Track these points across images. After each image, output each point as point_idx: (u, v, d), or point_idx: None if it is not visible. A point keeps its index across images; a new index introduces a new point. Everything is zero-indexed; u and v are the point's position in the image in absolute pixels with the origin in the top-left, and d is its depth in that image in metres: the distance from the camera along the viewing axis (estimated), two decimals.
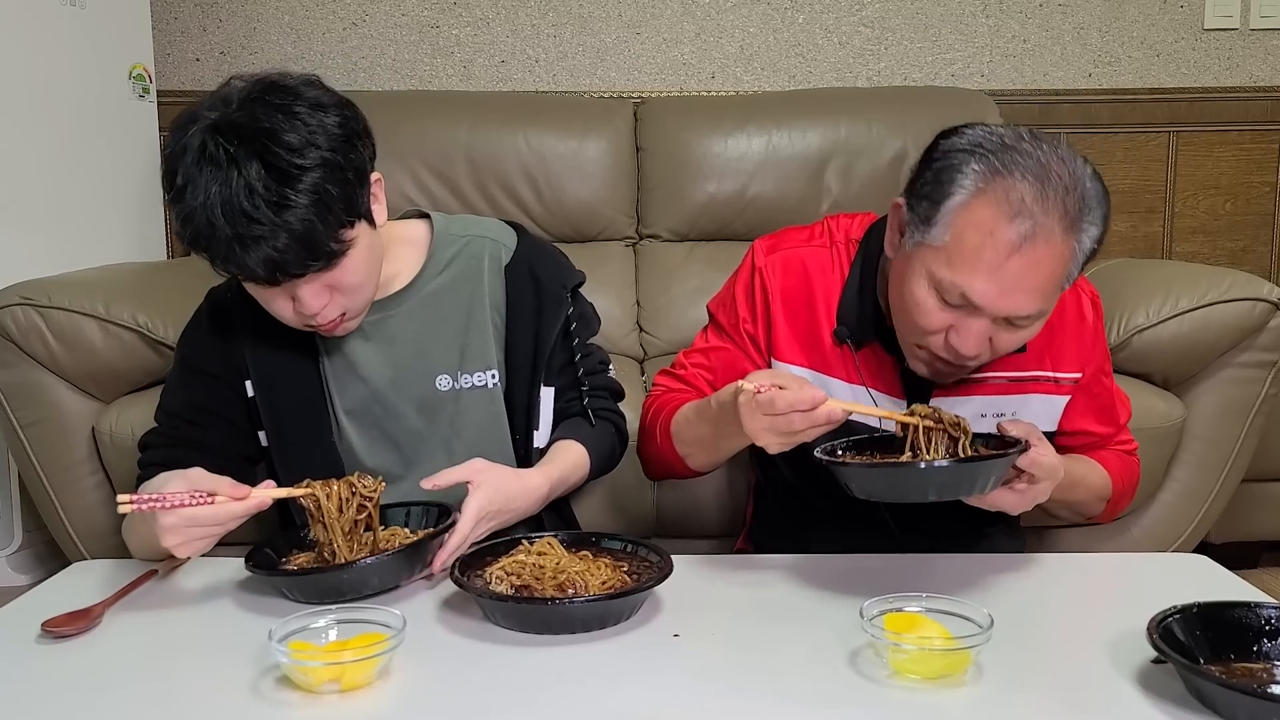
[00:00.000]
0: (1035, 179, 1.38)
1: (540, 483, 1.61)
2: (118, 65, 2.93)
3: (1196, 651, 1.19)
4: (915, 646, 1.18)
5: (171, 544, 1.39)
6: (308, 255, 1.47)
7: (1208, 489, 2.36)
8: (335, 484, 1.47)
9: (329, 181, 1.47)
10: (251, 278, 1.50)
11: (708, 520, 2.37)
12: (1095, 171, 1.44)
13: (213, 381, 1.69)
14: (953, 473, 1.36)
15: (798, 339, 1.66)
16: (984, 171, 1.40)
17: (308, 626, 1.26)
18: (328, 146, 1.47)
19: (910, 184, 1.50)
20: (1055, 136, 1.45)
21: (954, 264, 1.41)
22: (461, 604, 1.40)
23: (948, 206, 1.41)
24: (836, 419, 1.35)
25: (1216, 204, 3.55)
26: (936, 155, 1.46)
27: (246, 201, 1.42)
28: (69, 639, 1.34)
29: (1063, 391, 1.66)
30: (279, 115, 1.46)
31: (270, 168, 1.43)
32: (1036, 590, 1.48)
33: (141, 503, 1.36)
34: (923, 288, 1.46)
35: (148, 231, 3.08)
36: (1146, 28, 3.48)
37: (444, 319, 1.72)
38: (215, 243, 1.45)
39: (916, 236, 1.46)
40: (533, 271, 1.75)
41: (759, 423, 1.37)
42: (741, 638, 1.32)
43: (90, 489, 2.28)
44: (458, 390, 1.71)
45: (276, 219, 1.43)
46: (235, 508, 1.40)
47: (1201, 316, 2.28)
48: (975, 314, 1.44)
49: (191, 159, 1.45)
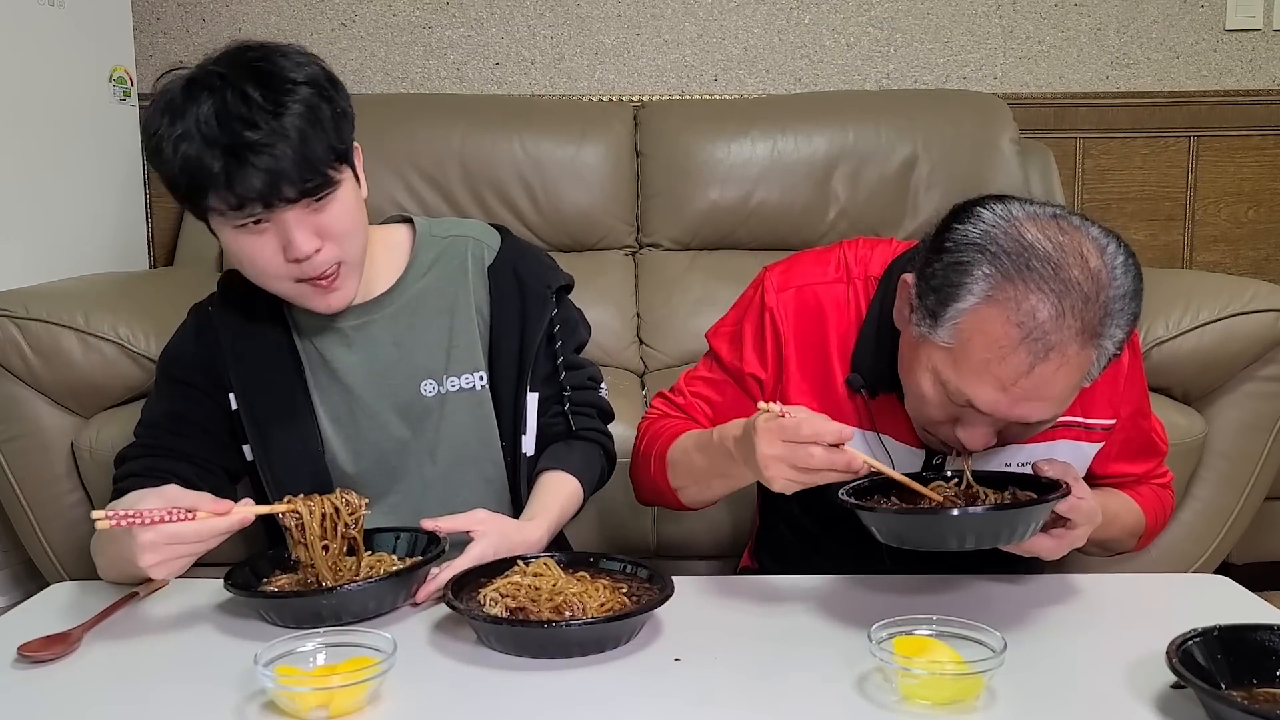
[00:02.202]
0: (1052, 293, 1.30)
1: (541, 536, 1.61)
2: (98, 67, 2.94)
3: (1218, 676, 1.19)
4: (925, 671, 1.18)
5: (149, 563, 1.38)
6: (304, 169, 1.50)
7: (1229, 507, 2.36)
8: (319, 500, 1.47)
9: (321, 99, 1.54)
10: (246, 200, 1.50)
11: (709, 540, 2.37)
12: (1127, 259, 1.35)
13: (195, 393, 1.70)
14: (990, 520, 1.33)
15: (809, 382, 1.62)
16: (995, 276, 1.32)
17: (295, 650, 1.25)
18: (313, 78, 1.55)
19: (920, 267, 1.43)
20: (1086, 219, 1.37)
21: (960, 370, 1.37)
22: (454, 627, 1.40)
23: (955, 309, 1.35)
24: (856, 468, 1.32)
25: (1239, 211, 3.56)
26: (948, 244, 1.38)
27: (243, 108, 1.48)
28: (46, 664, 1.34)
29: (1094, 439, 1.62)
30: (265, 52, 1.55)
31: (264, 84, 1.50)
32: (1051, 612, 1.47)
33: (119, 518, 1.35)
34: (926, 382, 1.42)
35: (129, 240, 3.09)
36: (1166, 28, 3.49)
37: (428, 322, 1.73)
38: (209, 162, 1.48)
39: (922, 328, 1.40)
40: (516, 272, 1.76)
41: (774, 449, 1.34)
42: (745, 661, 1.32)
43: (69, 507, 2.28)
44: (444, 395, 1.72)
45: (274, 125, 1.48)
46: (217, 524, 1.39)
47: (1223, 328, 2.28)
48: (982, 415, 1.40)
49: (178, 94, 1.52)
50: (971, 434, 1.43)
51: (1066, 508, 1.40)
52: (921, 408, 1.46)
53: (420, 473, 1.72)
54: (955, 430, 1.44)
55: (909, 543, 1.36)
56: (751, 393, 1.66)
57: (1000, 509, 1.37)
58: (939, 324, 1.37)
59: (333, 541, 1.47)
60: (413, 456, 1.72)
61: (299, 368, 1.71)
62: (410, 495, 1.72)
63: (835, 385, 1.61)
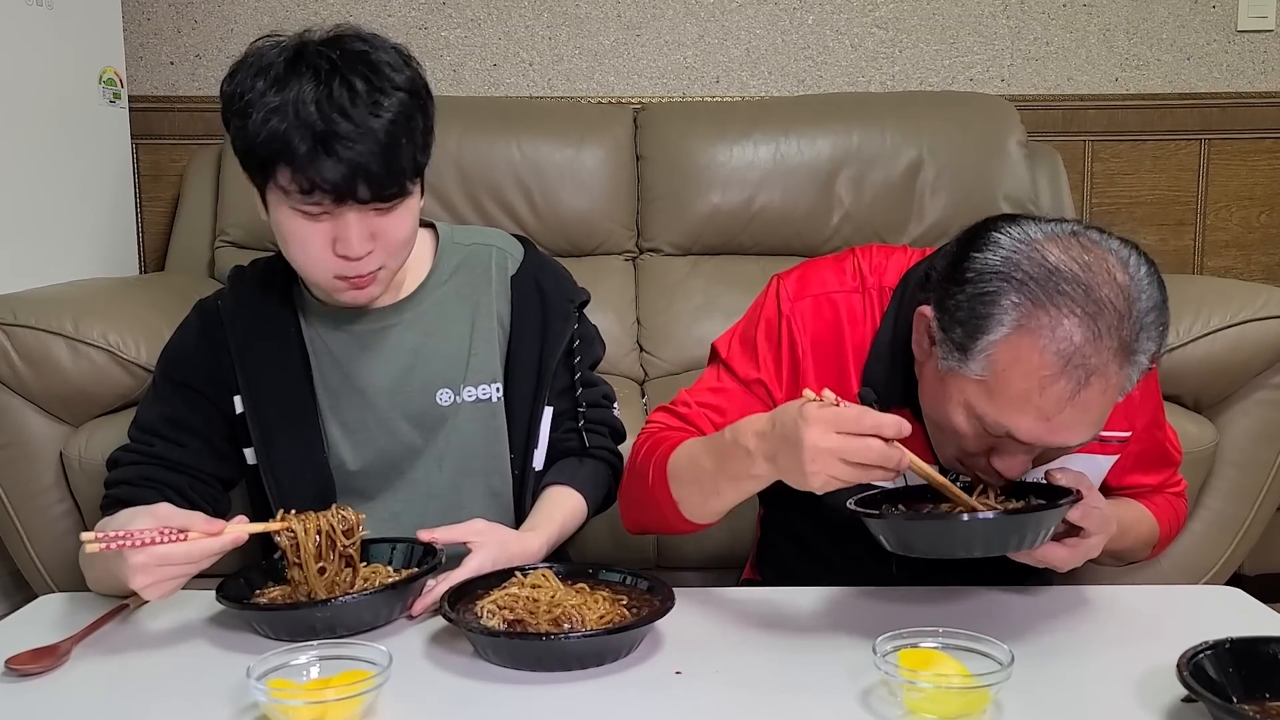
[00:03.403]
0: (1085, 314, 1.29)
1: (540, 547, 1.61)
2: (87, 69, 2.94)
3: (1229, 689, 1.19)
4: (931, 684, 1.18)
5: (140, 584, 1.38)
6: (386, 172, 1.53)
7: (1241, 518, 2.36)
8: (314, 517, 1.47)
9: (415, 110, 1.57)
10: (318, 189, 1.51)
11: (709, 552, 2.37)
12: (1150, 270, 1.34)
13: (196, 397, 1.70)
14: (1000, 526, 1.33)
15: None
16: (1024, 304, 1.31)
17: (288, 663, 1.26)
18: (413, 84, 1.59)
19: (940, 299, 1.40)
20: (1103, 232, 1.37)
21: (997, 402, 1.34)
22: (451, 639, 1.41)
23: (986, 340, 1.33)
24: (905, 467, 1.30)
25: (1251, 216, 3.56)
26: (969, 274, 1.36)
27: (347, 99, 1.50)
28: (34, 677, 1.34)
29: (1109, 451, 1.62)
30: (367, 46, 1.58)
31: (368, 78, 1.53)
32: (1059, 624, 1.48)
33: (109, 540, 1.34)
34: (960, 416, 1.39)
35: (119, 245, 3.09)
36: (1176, 29, 3.49)
37: (448, 329, 1.73)
38: (299, 139, 1.49)
39: (950, 362, 1.38)
40: (539, 284, 1.78)
41: (828, 440, 1.27)
42: (747, 675, 1.32)
43: (58, 517, 2.28)
44: (458, 404, 1.72)
45: (370, 124, 1.51)
46: (210, 544, 1.40)
47: (1235, 335, 2.28)
48: (1020, 444, 1.39)
49: (280, 65, 1.54)
50: (1009, 464, 1.41)
51: (1079, 514, 1.40)
52: (954, 441, 1.44)
53: (427, 481, 1.73)
54: (991, 460, 1.43)
55: (918, 550, 1.35)
56: (765, 404, 1.62)
57: (1010, 513, 1.37)
58: (969, 357, 1.35)
59: (329, 563, 1.47)
60: (420, 464, 1.73)
61: (308, 370, 1.71)
62: (414, 503, 1.72)
63: (851, 397, 1.58)
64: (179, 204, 3.25)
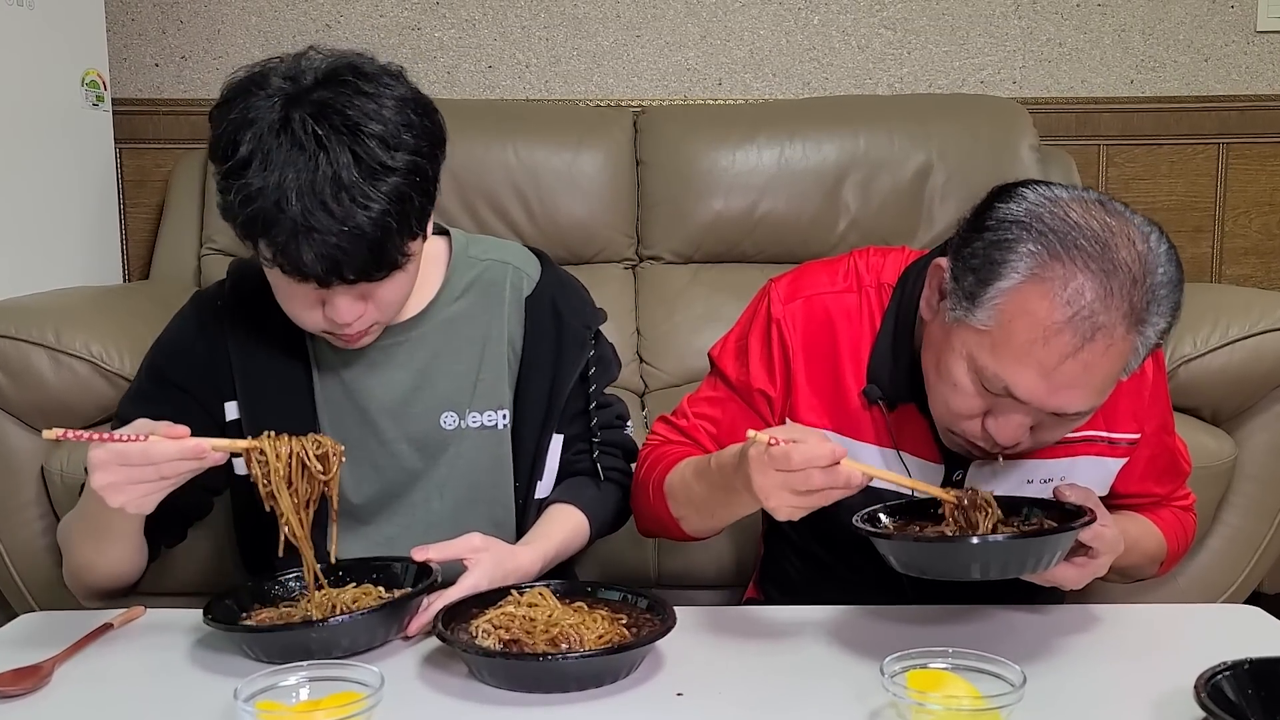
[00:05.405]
0: (1099, 270, 1.32)
1: (534, 560, 1.61)
2: (69, 71, 2.95)
3: (1248, 711, 1.19)
4: (941, 706, 1.19)
5: (101, 483, 1.37)
6: (372, 262, 1.48)
7: (1261, 534, 2.37)
8: (285, 439, 1.47)
9: (412, 189, 1.49)
10: (300, 273, 1.47)
11: (712, 570, 2.38)
12: (1169, 250, 1.38)
13: (187, 400, 1.67)
14: (1012, 549, 1.35)
15: (820, 398, 1.63)
16: (1041, 254, 1.34)
17: (276, 685, 1.26)
18: (415, 150, 1.50)
19: (957, 247, 1.44)
20: (1128, 207, 1.40)
21: (999, 354, 1.37)
22: (445, 660, 1.41)
23: (997, 288, 1.36)
24: (856, 484, 1.34)
25: (1271, 222, 3.57)
26: (990, 222, 1.40)
27: (329, 193, 1.42)
28: (16, 698, 1.34)
29: (1118, 454, 1.63)
30: (371, 104, 1.48)
31: (360, 162, 1.44)
32: (1073, 644, 1.48)
33: (69, 431, 1.37)
34: (960, 369, 1.42)
35: (102, 253, 3.10)
36: (1194, 30, 3.50)
37: (457, 350, 1.71)
38: (277, 229, 1.43)
39: (958, 312, 1.41)
40: (555, 306, 1.75)
41: (771, 479, 1.34)
42: (751, 697, 1.33)
43: (39, 533, 2.29)
44: (463, 429, 1.70)
45: (355, 219, 1.43)
46: (168, 446, 1.37)
47: (1254, 346, 2.29)
48: (1017, 405, 1.41)
49: (269, 130, 1.44)
50: (1004, 425, 1.43)
51: (1090, 535, 1.41)
52: (951, 399, 1.46)
53: (427, 507, 1.71)
54: (985, 424, 1.45)
55: (928, 572, 1.37)
56: (760, 409, 1.66)
57: (1023, 537, 1.38)
58: (977, 305, 1.38)
59: (300, 483, 1.47)
60: (420, 490, 1.72)
61: (309, 382, 1.69)
62: (412, 529, 1.70)
63: (848, 398, 1.61)
64: (164, 210, 3.25)
